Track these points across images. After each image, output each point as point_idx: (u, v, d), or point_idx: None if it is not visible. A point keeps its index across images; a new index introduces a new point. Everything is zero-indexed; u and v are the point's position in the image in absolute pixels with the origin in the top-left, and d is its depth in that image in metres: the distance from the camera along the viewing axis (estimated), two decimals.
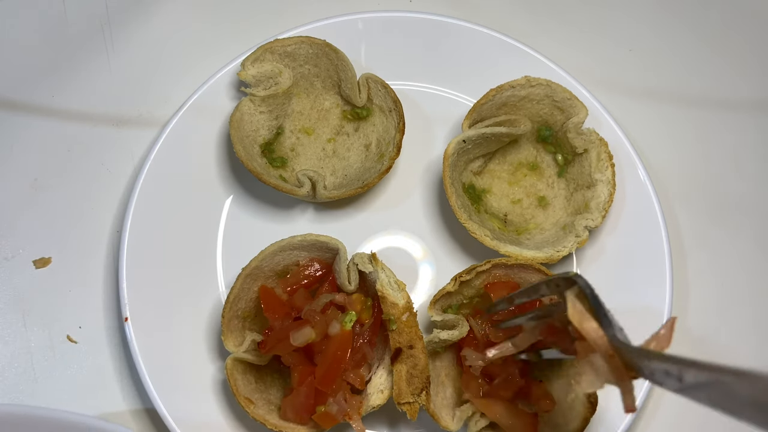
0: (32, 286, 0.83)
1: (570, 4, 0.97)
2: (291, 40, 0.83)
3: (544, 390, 0.74)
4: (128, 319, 0.76)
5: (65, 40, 0.92)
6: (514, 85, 0.81)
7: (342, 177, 0.83)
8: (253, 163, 0.79)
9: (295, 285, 0.76)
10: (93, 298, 0.83)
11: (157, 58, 0.92)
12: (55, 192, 0.86)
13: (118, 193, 0.86)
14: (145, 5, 0.93)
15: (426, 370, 0.71)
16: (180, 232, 0.81)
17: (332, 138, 0.85)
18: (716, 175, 0.90)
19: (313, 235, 0.76)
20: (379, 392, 0.73)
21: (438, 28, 0.87)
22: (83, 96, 0.90)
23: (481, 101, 0.81)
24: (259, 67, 0.82)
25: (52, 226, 0.85)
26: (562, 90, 0.81)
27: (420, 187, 0.86)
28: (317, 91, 0.85)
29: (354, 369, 0.72)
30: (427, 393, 0.71)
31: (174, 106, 0.85)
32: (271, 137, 0.84)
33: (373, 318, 0.74)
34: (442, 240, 0.84)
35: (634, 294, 0.80)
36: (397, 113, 0.82)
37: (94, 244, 0.84)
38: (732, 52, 0.95)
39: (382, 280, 0.73)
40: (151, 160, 0.81)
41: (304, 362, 0.72)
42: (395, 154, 0.80)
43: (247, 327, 0.75)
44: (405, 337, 0.72)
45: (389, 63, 0.86)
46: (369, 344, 0.73)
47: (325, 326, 0.71)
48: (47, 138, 0.88)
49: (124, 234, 0.79)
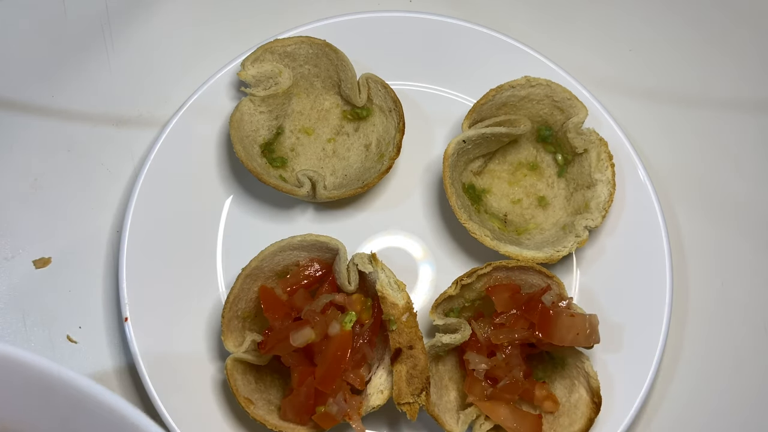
0: (32, 286, 0.83)
1: (570, 4, 0.97)
2: (291, 40, 0.83)
3: (548, 391, 0.75)
4: (128, 319, 0.76)
5: (65, 40, 0.92)
6: (514, 85, 0.81)
7: (342, 177, 0.83)
8: (253, 163, 0.79)
9: (294, 285, 0.76)
10: (93, 298, 0.83)
11: (157, 58, 0.92)
12: (54, 192, 0.86)
13: (118, 193, 0.86)
14: (145, 5, 0.93)
15: (426, 371, 0.71)
16: (180, 232, 0.81)
17: (332, 138, 0.85)
18: (716, 175, 0.90)
19: (313, 236, 0.76)
20: (379, 392, 0.73)
21: (438, 28, 0.87)
22: (83, 96, 0.90)
23: (480, 101, 0.80)
24: (259, 67, 0.82)
25: (52, 226, 0.85)
26: (562, 90, 0.81)
27: (420, 187, 0.85)
28: (317, 91, 0.85)
29: (354, 369, 0.72)
30: (427, 393, 0.71)
31: (174, 106, 0.85)
32: (271, 137, 0.84)
33: (373, 318, 0.74)
34: (442, 240, 0.84)
35: (634, 294, 0.79)
36: (397, 113, 0.82)
37: (94, 244, 0.84)
38: (732, 52, 0.95)
39: (382, 280, 0.73)
40: (151, 160, 0.81)
41: (304, 362, 0.72)
42: (395, 154, 0.80)
43: (247, 327, 0.75)
44: (405, 337, 0.72)
45: (389, 63, 0.86)
46: (369, 344, 0.73)
47: (325, 327, 0.71)
48: (47, 138, 0.88)
49: (124, 234, 0.79)
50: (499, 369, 0.73)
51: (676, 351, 0.83)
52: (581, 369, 0.74)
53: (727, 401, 0.82)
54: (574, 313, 0.72)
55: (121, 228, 0.79)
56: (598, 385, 0.73)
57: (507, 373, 0.73)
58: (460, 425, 0.73)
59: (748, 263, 0.87)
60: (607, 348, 0.77)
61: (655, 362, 0.77)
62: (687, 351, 0.83)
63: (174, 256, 0.80)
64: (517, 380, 0.72)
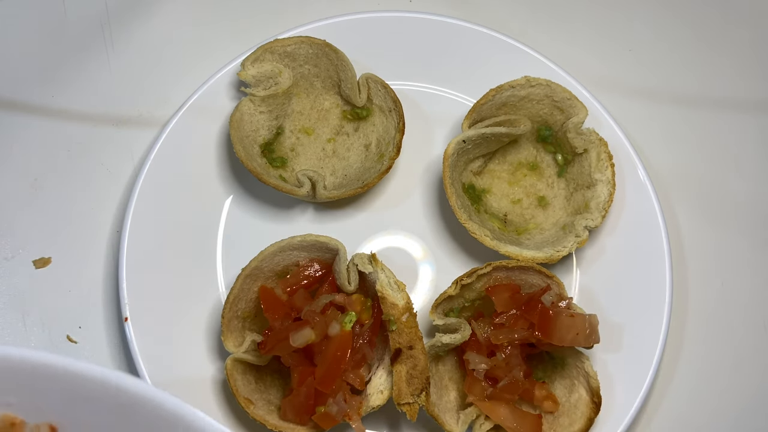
0: (32, 286, 0.83)
1: (570, 4, 0.97)
2: (291, 40, 0.83)
3: (548, 391, 0.75)
4: (128, 319, 0.76)
5: (65, 41, 0.92)
6: (513, 85, 0.81)
7: (342, 177, 0.83)
8: (253, 163, 0.79)
9: (294, 285, 0.75)
10: (93, 298, 0.82)
11: (157, 58, 0.92)
12: (54, 192, 0.86)
13: (118, 193, 0.86)
14: (145, 5, 0.93)
15: (426, 371, 0.71)
16: (180, 233, 0.81)
17: (332, 138, 0.85)
18: (716, 175, 0.90)
19: (313, 236, 0.76)
20: (378, 392, 0.73)
21: (438, 28, 0.87)
22: (83, 96, 0.90)
23: (480, 101, 0.80)
24: (259, 67, 0.82)
25: (52, 226, 0.85)
26: (561, 90, 0.81)
27: (420, 187, 0.85)
28: (317, 91, 0.85)
29: (354, 369, 0.72)
30: (426, 394, 0.71)
31: (174, 106, 0.84)
32: (271, 137, 0.84)
33: (373, 318, 0.74)
34: (442, 240, 0.84)
35: (634, 294, 0.79)
36: (397, 113, 0.82)
37: (93, 244, 0.84)
38: (731, 53, 0.95)
39: (382, 280, 0.73)
40: (150, 160, 0.81)
41: (304, 363, 0.72)
42: (395, 154, 0.80)
43: (247, 327, 0.75)
44: (405, 337, 0.72)
45: (389, 63, 0.86)
46: (369, 345, 0.73)
47: (325, 327, 0.71)
48: (47, 138, 0.88)
49: (124, 234, 0.78)
50: (498, 369, 0.73)
51: (676, 351, 0.83)
52: (581, 369, 0.74)
53: (727, 401, 0.82)
54: (573, 313, 0.72)
55: (121, 228, 0.79)
56: (598, 385, 0.73)
57: (507, 373, 0.72)
58: (460, 425, 0.73)
59: (748, 263, 0.87)
60: (607, 348, 0.77)
61: (655, 362, 0.77)
62: (687, 351, 0.83)
63: (174, 257, 0.80)
64: (517, 380, 0.72)
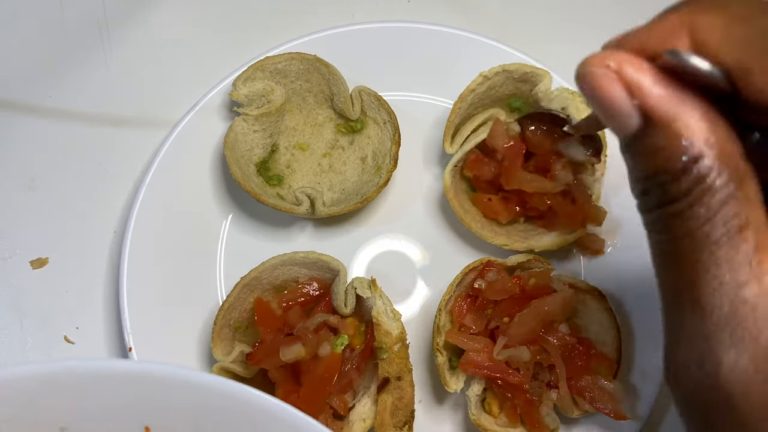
0: (29, 287, 0.82)
1: (570, 4, 0.95)
2: (281, 57, 0.81)
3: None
4: (132, 349, 0.76)
5: (62, 41, 0.91)
6: (473, 88, 0.79)
7: (340, 192, 0.83)
8: (251, 184, 0.78)
9: (291, 301, 0.75)
10: (90, 299, 0.82)
11: (154, 58, 0.91)
12: (51, 192, 0.86)
13: (116, 193, 0.86)
14: (141, 5, 0.93)
15: (411, 404, 0.71)
16: (179, 254, 0.80)
17: (327, 152, 0.84)
18: None
19: (316, 254, 0.75)
20: (361, 420, 0.72)
21: (430, 37, 0.86)
22: (80, 97, 0.89)
23: (450, 117, 0.80)
24: (251, 86, 0.81)
25: (49, 226, 0.84)
26: (519, 67, 0.79)
27: (420, 198, 0.85)
28: (310, 106, 0.84)
29: (339, 394, 0.72)
30: (409, 428, 0.71)
31: (171, 107, 0.84)
32: (266, 155, 0.83)
33: (365, 345, 0.73)
34: (443, 252, 0.83)
35: (634, 294, 0.80)
36: (392, 125, 0.81)
37: (91, 245, 0.84)
38: None
39: (379, 307, 0.72)
40: (145, 186, 0.80)
41: (290, 380, 0.71)
42: (392, 167, 0.79)
43: (237, 338, 0.75)
44: (395, 367, 0.71)
45: (381, 74, 0.85)
46: (357, 371, 0.72)
47: (316, 346, 0.71)
48: (44, 138, 0.87)
49: (124, 249, 0.78)
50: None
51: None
52: None
53: None
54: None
55: (119, 228, 0.78)
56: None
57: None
58: (458, 382, 0.73)
59: None
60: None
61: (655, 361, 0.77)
62: None
63: (173, 275, 0.79)
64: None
